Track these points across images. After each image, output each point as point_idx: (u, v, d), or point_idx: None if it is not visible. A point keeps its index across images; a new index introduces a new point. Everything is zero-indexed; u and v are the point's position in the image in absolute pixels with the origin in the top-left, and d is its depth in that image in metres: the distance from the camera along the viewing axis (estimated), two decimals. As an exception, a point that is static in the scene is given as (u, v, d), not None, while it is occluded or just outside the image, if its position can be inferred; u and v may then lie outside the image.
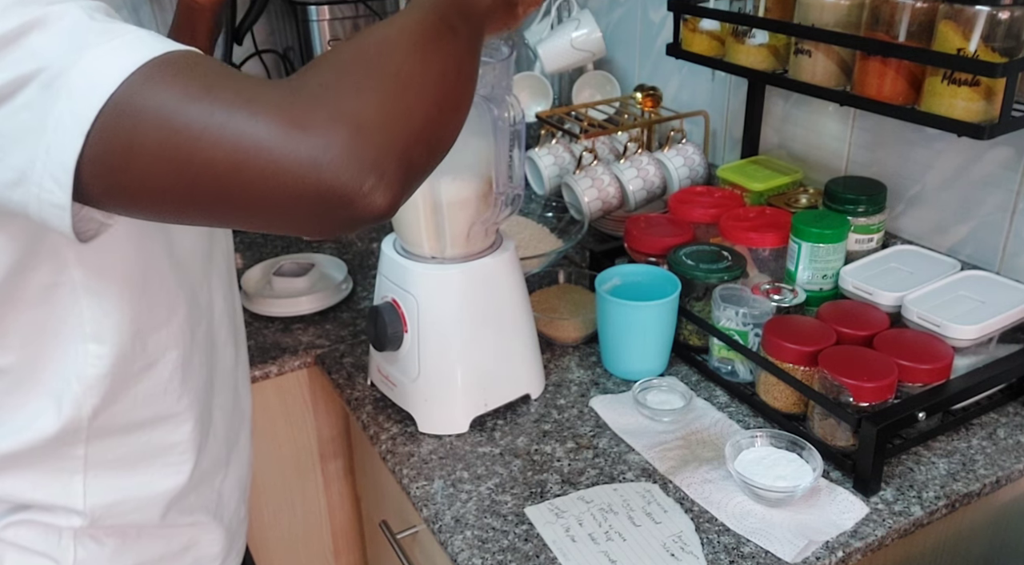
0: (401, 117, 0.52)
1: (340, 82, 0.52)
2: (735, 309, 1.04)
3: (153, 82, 0.49)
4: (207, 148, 0.49)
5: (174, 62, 0.51)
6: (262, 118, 0.49)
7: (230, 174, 0.49)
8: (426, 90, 0.54)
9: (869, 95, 1.01)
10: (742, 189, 1.28)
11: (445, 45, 0.59)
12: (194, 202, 0.51)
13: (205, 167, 0.49)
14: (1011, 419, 1.01)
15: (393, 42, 0.56)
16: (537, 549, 0.85)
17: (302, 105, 0.49)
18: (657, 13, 1.52)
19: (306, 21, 1.51)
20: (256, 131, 0.48)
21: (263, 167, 0.48)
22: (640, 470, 0.94)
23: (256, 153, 0.48)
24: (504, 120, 0.88)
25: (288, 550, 1.34)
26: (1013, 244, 1.08)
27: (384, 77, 0.53)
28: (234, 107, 0.49)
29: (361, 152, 0.49)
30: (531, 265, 1.23)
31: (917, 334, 0.98)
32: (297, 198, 0.49)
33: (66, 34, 0.50)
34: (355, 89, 0.51)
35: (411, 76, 0.54)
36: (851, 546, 0.83)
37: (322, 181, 0.48)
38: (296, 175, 0.48)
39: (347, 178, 0.48)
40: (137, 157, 0.49)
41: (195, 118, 0.49)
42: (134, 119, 0.49)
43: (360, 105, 0.50)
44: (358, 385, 1.11)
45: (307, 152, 0.48)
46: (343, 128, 0.49)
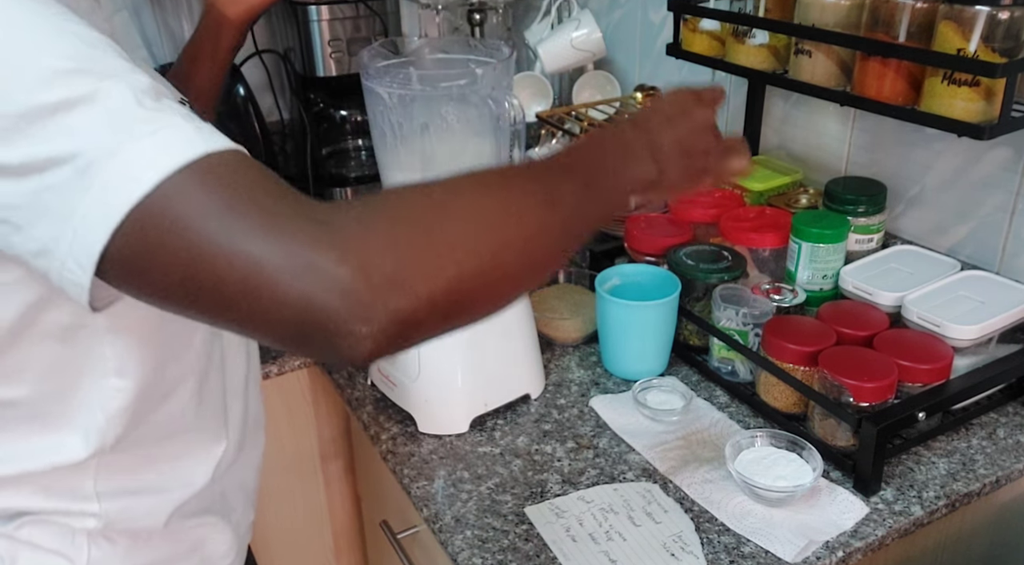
0: (427, 280, 0.49)
1: (375, 222, 0.50)
2: (735, 309, 1.04)
3: (186, 189, 0.49)
4: (222, 266, 0.49)
5: (211, 168, 0.50)
6: (281, 246, 0.48)
7: (238, 294, 0.49)
8: (472, 260, 0.51)
9: (869, 95, 1.01)
10: (742, 189, 1.28)
11: (529, 218, 0.55)
12: (197, 306, 0.51)
13: (215, 282, 0.49)
14: (1011, 419, 1.01)
15: (461, 199, 0.53)
16: (537, 549, 0.85)
17: (324, 239, 0.48)
18: (657, 13, 1.52)
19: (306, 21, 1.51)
20: (271, 259, 0.48)
21: (269, 293, 0.48)
22: (640, 470, 0.94)
23: (264, 278, 0.48)
24: (504, 120, 0.88)
25: (289, 550, 1.34)
26: (1013, 244, 1.08)
27: (427, 233, 0.50)
28: (257, 230, 0.48)
29: (367, 305, 0.47)
30: (531, 265, 1.23)
31: (917, 334, 0.98)
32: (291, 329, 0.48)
33: (110, 119, 0.50)
34: (388, 243, 0.49)
35: (461, 241, 0.51)
36: (851, 546, 0.84)
37: (319, 318, 0.47)
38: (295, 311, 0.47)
39: (341, 323, 0.47)
40: (156, 259, 0.50)
41: (217, 235, 0.48)
42: (161, 224, 0.49)
43: (386, 261, 0.48)
44: (358, 385, 1.11)
45: (315, 283, 0.47)
46: (358, 276, 0.47)
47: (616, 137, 0.68)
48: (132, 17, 1.49)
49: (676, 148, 0.69)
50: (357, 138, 1.68)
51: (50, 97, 0.49)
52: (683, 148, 0.70)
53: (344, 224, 0.49)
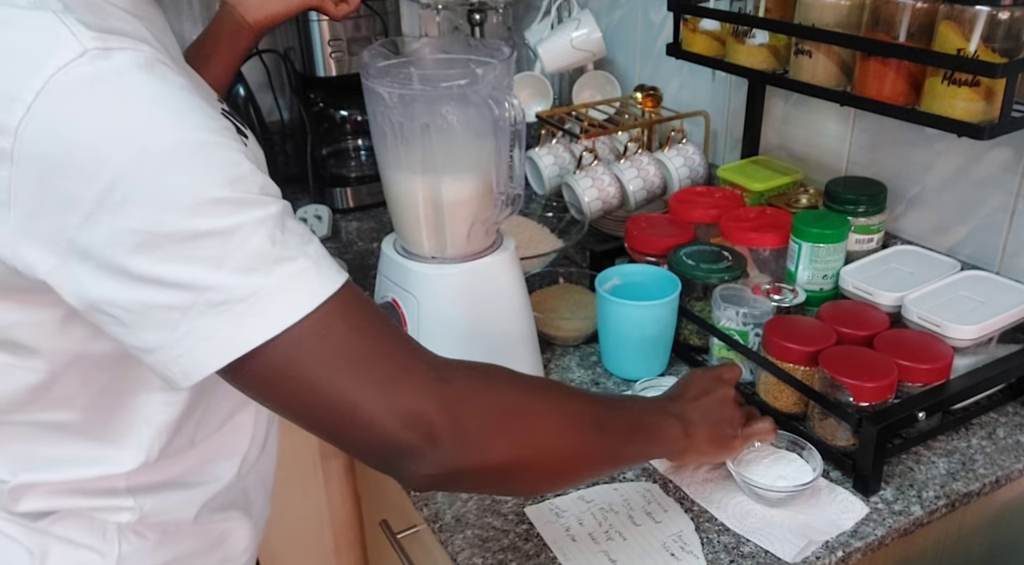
0: (497, 453, 0.61)
1: (485, 397, 0.62)
2: (735, 309, 1.04)
3: (304, 341, 0.55)
4: (334, 407, 0.56)
5: (331, 315, 0.55)
6: (394, 397, 0.57)
7: (340, 427, 0.57)
8: (536, 454, 0.64)
9: (869, 95, 1.01)
10: (742, 189, 1.28)
11: (591, 444, 0.69)
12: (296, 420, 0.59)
13: (320, 416, 0.57)
14: (1011, 419, 1.01)
15: (553, 405, 0.67)
16: (537, 549, 0.85)
17: (438, 397, 0.58)
18: (657, 13, 1.52)
19: (306, 21, 1.51)
20: (379, 405, 0.56)
21: (368, 430, 0.57)
22: (640, 470, 0.94)
23: (367, 420, 0.56)
24: (504, 120, 0.88)
25: (289, 549, 1.34)
26: (1013, 244, 1.08)
27: (518, 419, 0.63)
28: (375, 379, 0.56)
29: (439, 456, 0.58)
30: (531, 265, 1.23)
31: (917, 334, 0.98)
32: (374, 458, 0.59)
33: (245, 261, 0.53)
34: (497, 417, 0.61)
35: (535, 438, 0.64)
36: (851, 546, 0.84)
37: (394, 457, 0.58)
38: (385, 447, 0.57)
39: (412, 466, 0.58)
40: (266, 390, 0.56)
41: (333, 383, 0.55)
42: (277, 368, 0.54)
43: (476, 424, 0.60)
44: (358, 385, 1.11)
45: (407, 435, 0.57)
46: (449, 431, 0.58)
47: (651, 403, 0.82)
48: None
49: (704, 421, 0.81)
50: (357, 138, 1.68)
51: (194, 225, 0.52)
52: (710, 420, 0.82)
53: (459, 389, 0.60)
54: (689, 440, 0.79)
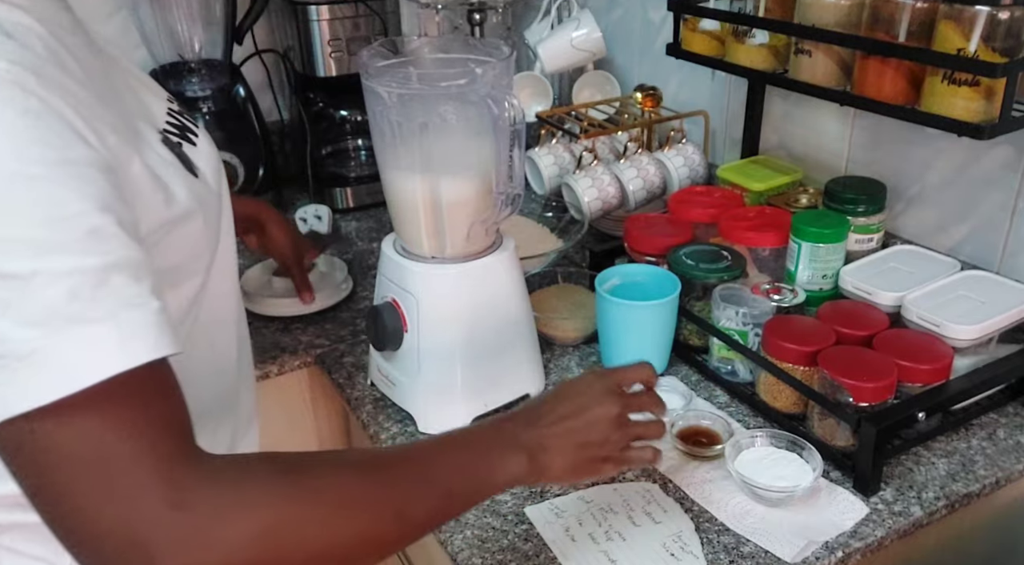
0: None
1: (237, 519, 0.52)
2: (735, 309, 1.04)
3: (67, 421, 0.49)
4: (62, 511, 0.50)
5: (104, 402, 0.49)
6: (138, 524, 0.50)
7: (61, 529, 0.51)
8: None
9: (869, 95, 1.01)
10: (742, 189, 1.28)
11: (371, 532, 0.59)
12: (39, 511, 0.52)
13: (48, 513, 0.51)
14: (1011, 419, 1.01)
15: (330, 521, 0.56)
16: (537, 549, 0.85)
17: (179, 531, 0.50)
18: (657, 13, 1.52)
19: (306, 21, 1.51)
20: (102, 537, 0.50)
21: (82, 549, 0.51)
22: (640, 470, 0.94)
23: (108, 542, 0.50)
24: (504, 120, 0.88)
25: (288, 550, 1.33)
26: (1013, 244, 1.08)
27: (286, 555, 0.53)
28: (104, 503, 0.50)
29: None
30: (531, 265, 1.23)
31: (917, 334, 0.98)
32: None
33: (32, 313, 0.48)
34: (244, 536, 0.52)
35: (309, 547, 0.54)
36: (851, 546, 0.83)
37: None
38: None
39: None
40: (15, 464, 0.50)
41: (64, 485, 0.49)
42: (17, 437, 0.49)
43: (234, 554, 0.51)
44: (358, 384, 1.11)
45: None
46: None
47: (495, 436, 0.70)
48: (131, 16, 1.49)
49: (563, 448, 0.71)
50: (357, 138, 1.68)
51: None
52: (572, 445, 0.72)
53: (200, 519, 0.51)
54: (538, 471, 0.70)
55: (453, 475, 0.65)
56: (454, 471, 0.65)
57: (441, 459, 0.65)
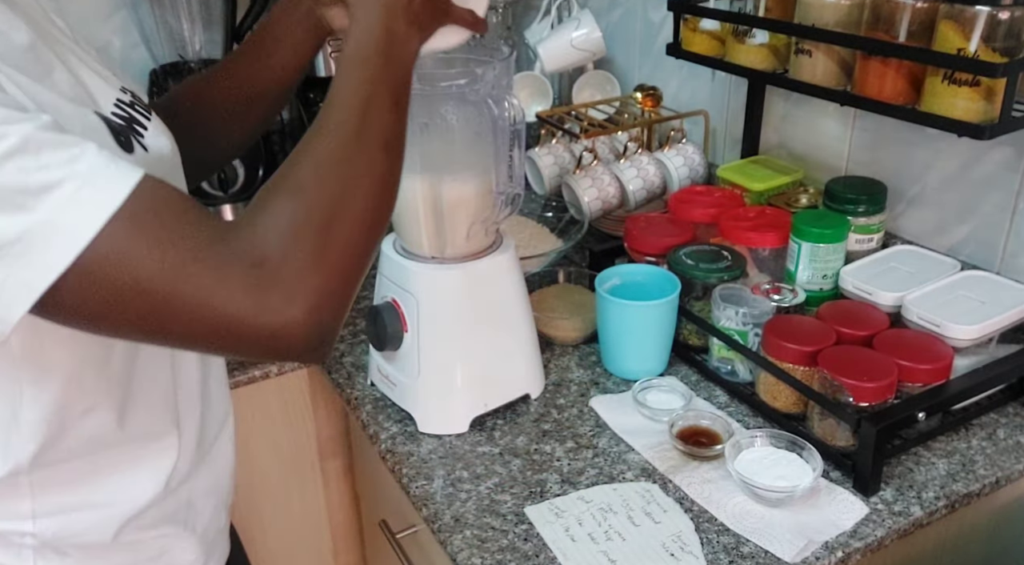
0: (348, 285, 0.61)
1: (297, 253, 0.57)
2: (735, 309, 1.04)
3: (116, 238, 0.52)
4: (171, 304, 0.53)
5: (134, 213, 0.52)
6: (225, 287, 0.54)
7: (187, 328, 0.54)
8: (371, 230, 0.64)
9: (869, 95, 1.01)
10: (742, 189, 1.28)
11: (386, 161, 0.66)
12: (142, 335, 0.56)
13: (164, 317, 0.54)
14: (1011, 419, 1.01)
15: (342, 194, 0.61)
16: (537, 549, 0.85)
17: (264, 279, 0.55)
18: (657, 13, 1.52)
19: (306, 21, 1.51)
20: (220, 297, 0.54)
21: (223, 325, 0.54)
22: (640, 470, 0.94)
23: (219, 316, 0.54)
24: (504, 120, 0.88)
25: (287, 549, 1.34)
26: (1013, 244, 1.08)
27: (336, 245, 0.59)
28: (198, 272, 0.53)
29: (313, 323, 0.56)
30: (531, 265, 1.23)
31: (917, 334, 0.98)
32: (247, 348, 0.56)
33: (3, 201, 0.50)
34: (313, 264, 0.57)
35: (360, 231, 0.62)
36: (851, 546, 0.83)
37: (277, 344, 0.56)
38: (253, 335, 0.55)
39: (298, 343, 0.56)
40: (92, 300, 0.53)
41: (155, 276, 0.53)
42: (94, 273, 0.52)
43: (316, 282, 0.57)
44: (358, 385, 1.11)
45: (266, 321, 0.55)
46: (300, 305, 0.55)
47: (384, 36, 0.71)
48: (131, 15, 1.49)
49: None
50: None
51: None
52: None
53: (273, 262, 0.56)
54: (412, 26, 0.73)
55: (389, 87, 0.69)
56: (387, 82, 0.69)
57: (361, 90, 0.68)
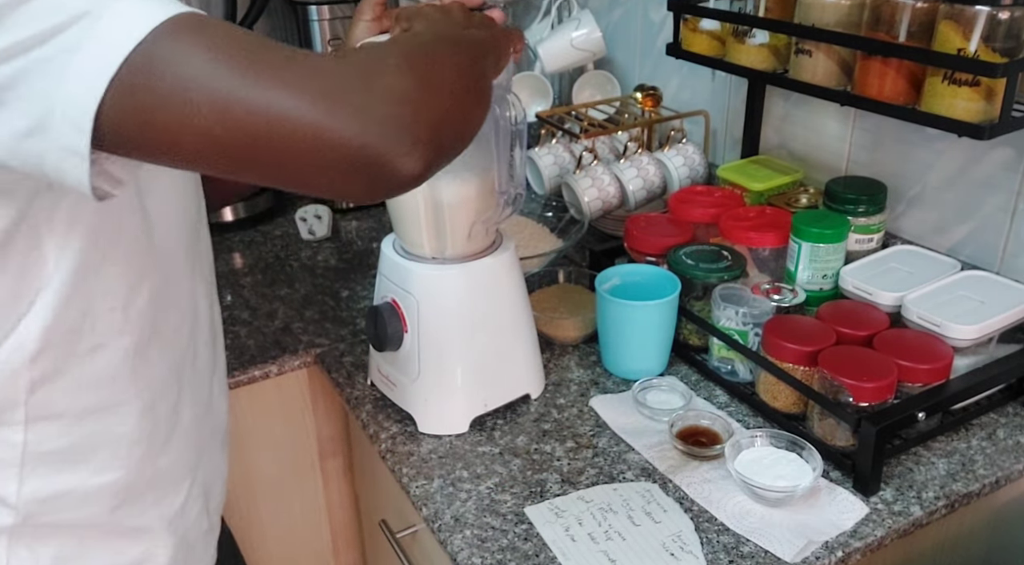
0: (436, 97, 0.55)
1: (381, 61, 0.54)
2: (735, 309, 1.04)
3: (182, 39, 0.49)
4: (241, 114, 0.49)
5: (203, 22, 0.50)
6: (301, 87, 0.50)
7: (265, 140, 0.50)
8: (456, 80, 0.59)
9: (869, 95, 1.01)
10: (742, 189, 1.28)
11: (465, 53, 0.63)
12: (223, 159, 0.51)
13: (239, 131, 0.49)
14: (1011, 419, 1.01)
15: (423, 42, 0.60)
16: (537, 548, 0.85)
17: (343, 76, 0.51)
18: (657, 13, 1.52)
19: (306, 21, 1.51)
20: (296, 101, 0.49)
21: (302, 134, 0.49)
22: (640, 470, 0.94)
23: (295, 122, 0.49)
24: (505, 120, 0.88)
25: (287, 549, 1.34)
26: (1013, 244, 1.08)
27: (420, 61, 0.56)
28: (272, 74, 0.50)
29: (401, 124, 0.51)
30: (531, 265, 1.23)
31: (917, 334, 0.98)
32: (334, 163, 0.51)
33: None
34: (395, 67, 0.54)
35: (443, 65, 0.58)
36: (851, 546, 0.84)
37: (363, 150, 0.50)
38: (336, 143, 0.50)
39: (386, 148, 0.51)
40: (163, 112, 0.49)
41: (230, 81, 0.49)
42: (162, 73, 0.48)
43: (400, 81, 0.53)
44: (358, 385, 1.11)
45: (349, 123, 0.50)
46: (384, 101, 0.51)
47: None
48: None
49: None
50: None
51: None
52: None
53: (358, 63, 0.53)
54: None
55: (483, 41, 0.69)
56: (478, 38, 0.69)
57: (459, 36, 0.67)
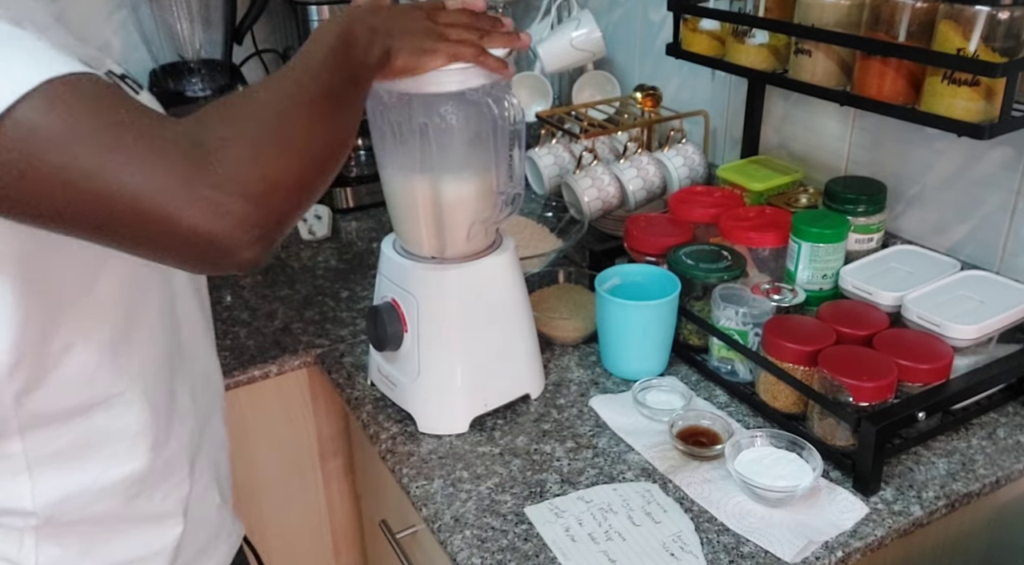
0: (288, 188, 0.58)
1: (239, 143, 0.55)
2: (735, 309, 1.04)
3: (54, 105, 0.50)
4: (102, 186, 0.51)
5: (77, 87, 0.51)
6: (161, 167, 0.51)
7: (120, 214, 0.52)
8: (312, 162, 0.61)
9: (869, 95, 1.01)
10: (742, 189, 1.28)
11: (334, 117, 0.65)
12: (76, 227, 0.53)
13: (96, 203, 0.51)
14: (1011, 419, 1.01)
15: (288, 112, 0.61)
16: (537, 549, 0.85)
17: (201, 162, 0.53)
18: (657, 13, 1.52)
19: (306, 21, 1.51)
20: (154, 180, 0.51)
21: (156, 213, 0.52)
22: (640, 470, 0.94)
23: (151, 200, 0.51)
24: (504, 120, 0.88)
25: (288, 549, 1.34)
26: (1013, 244, 1.08)
27: (278, 147, 0.58)
28: (135, 151, 0.51)
29: (247, 222, 0.54)
30: (531, 265, 1.23)
31: (917, 334, 0.98)
32: (181, 245, 0.54)
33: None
34: (252, 155, 0.56)
35: (303, 150, 0.59)
36: (851, 546, 0.83)
37: (211, 243, 0.53)
38: (185, 232, 0.53)
39: (232, 242, 0.54)
40: (25, 176, 0.50)
41: (95, 154, 0.50)
42: (29, 139, 0.49)
43: (251, 171, 0.55)
44: (358, 385, 1.11)
45: (201, 210, 0.52)
46: (234, 195, 0.53)
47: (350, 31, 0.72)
48: (131, 15, 1.49)
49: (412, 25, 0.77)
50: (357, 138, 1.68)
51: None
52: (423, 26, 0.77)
53: (216, 145, 0.54)
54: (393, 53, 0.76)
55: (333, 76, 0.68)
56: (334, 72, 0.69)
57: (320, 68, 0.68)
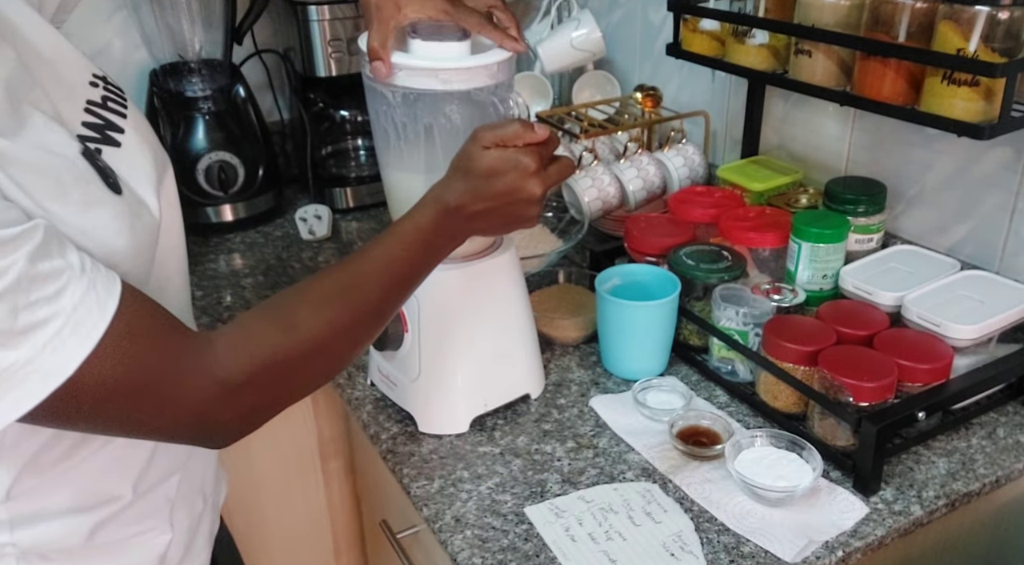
0: (290, 398, 0.68)
1: (256, 373, 0.63)
2: (735, 309, 1.04)
3: (92, 370, 0.55)
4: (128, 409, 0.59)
5: (108, 345, 0.55)
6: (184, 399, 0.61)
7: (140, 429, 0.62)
8: (318, 380, 0.71)
9: (869, 95, 1.01)
10: (742, 189, 1.28)
11: (364, 335, 0.73)
12: (95, 430, 0.61)
13: (128, 422, 0.60)
14: (1011, 419, 1.01)
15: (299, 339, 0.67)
16: (537, 549, 0.85)
17: (216, 393, 0.61)
18: (657, 13, 1.52)
19: (306, 21, 1.51)
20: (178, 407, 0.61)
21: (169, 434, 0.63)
22: (640, 470, 0.94)
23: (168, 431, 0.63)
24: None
25: (288, 549, 1.34)
26: (1013, 244, 1.08)
27: (293, 389, 0.68)
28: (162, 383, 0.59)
29: (243, 431, 0.66)
30: (531, 265, 1.23)
31: (917, 334, 0.98)
32: (178, 439, 0.65)
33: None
34: (273, 400, 0.67)
35: (312, 386, 0.71)
36: (851, 546, 0.84)
37: (202, 440, 0.65)
38: (190, 438, 0.65)
39: (223, 440, 0.66)
40: (63, 415, 0.57)
41: (124, 390, 0.57)
42: (66, 399, 0.55)
43: (260, 399, 0.65)
44: (358, 385, 1.11)
45: (207, 433, 0.64)
46: (242, 420, 0.65)
47: (434, 234, 0.76)
48: (132, 16, 1.49)
49: (493, 224, 0.79)
50: (357, 138, 1.68)
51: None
52: (502, 223, 0.79)
53: (238, 382, 0.62)
54: (472, 225, 0.78)
55: (405, 272, 0.74)
56: (406, 268, 0.74)
57: (392, 267, 0.73)
